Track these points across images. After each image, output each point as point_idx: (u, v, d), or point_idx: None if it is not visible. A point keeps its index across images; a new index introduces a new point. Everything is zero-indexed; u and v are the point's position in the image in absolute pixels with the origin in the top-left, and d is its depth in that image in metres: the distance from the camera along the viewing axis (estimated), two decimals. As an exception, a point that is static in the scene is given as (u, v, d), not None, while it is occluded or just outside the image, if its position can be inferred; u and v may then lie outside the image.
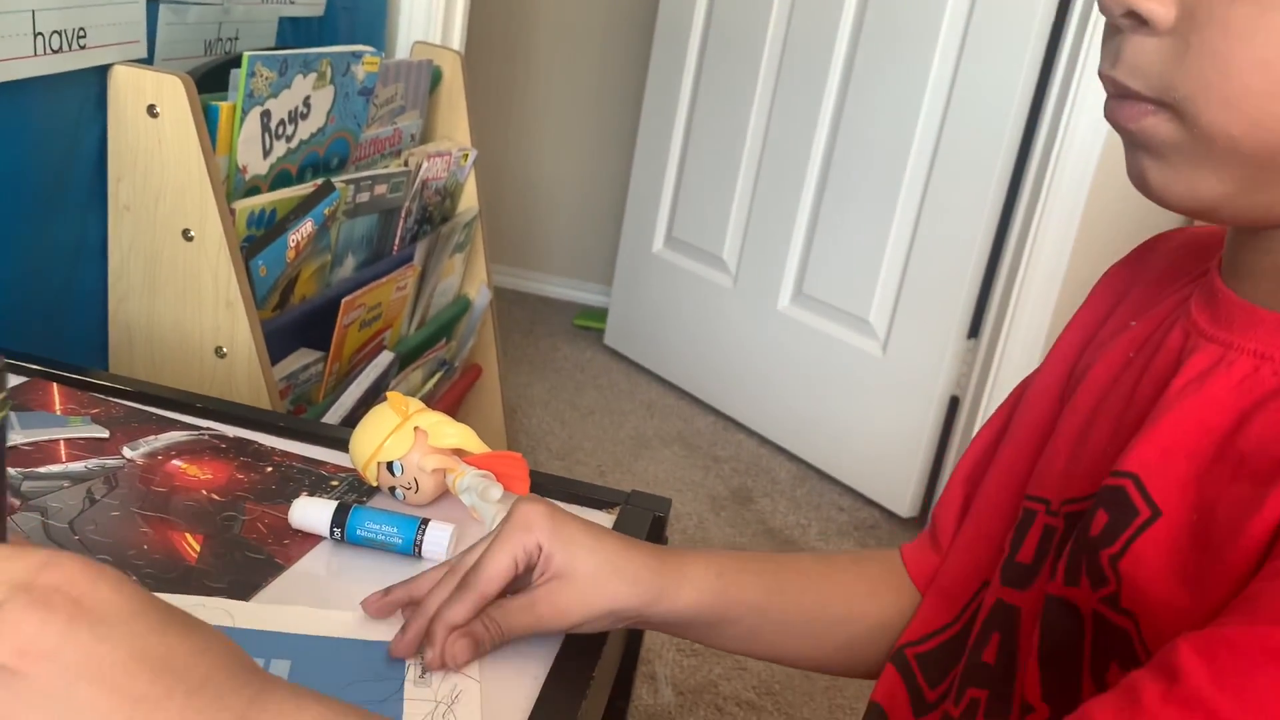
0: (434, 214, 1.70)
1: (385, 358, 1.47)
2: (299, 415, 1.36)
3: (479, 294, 1.86)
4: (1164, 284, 0.57)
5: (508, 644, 0.56)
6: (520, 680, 0.55)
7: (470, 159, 1.78)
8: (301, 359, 1.38)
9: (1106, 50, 0.46)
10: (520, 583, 0.57)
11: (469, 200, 1.82)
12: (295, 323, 1.34)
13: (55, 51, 1.00)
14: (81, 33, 1.03)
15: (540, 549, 0.56)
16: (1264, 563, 0.41)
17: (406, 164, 1.57)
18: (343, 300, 1.36)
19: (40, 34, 0.97)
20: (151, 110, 1.10)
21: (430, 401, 1.70)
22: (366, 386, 1.42)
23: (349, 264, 1.47)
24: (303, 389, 1.38)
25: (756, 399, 2.39)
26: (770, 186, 2.32)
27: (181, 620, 0.39)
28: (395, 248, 1.58)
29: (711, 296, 2.47)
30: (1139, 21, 0.43)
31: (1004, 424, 0.63)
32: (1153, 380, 0.51)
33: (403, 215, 1.57)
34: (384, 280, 1.47)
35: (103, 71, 1.09)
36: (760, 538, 1.97)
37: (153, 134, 1.11)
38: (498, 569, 0.55)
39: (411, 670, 0.54)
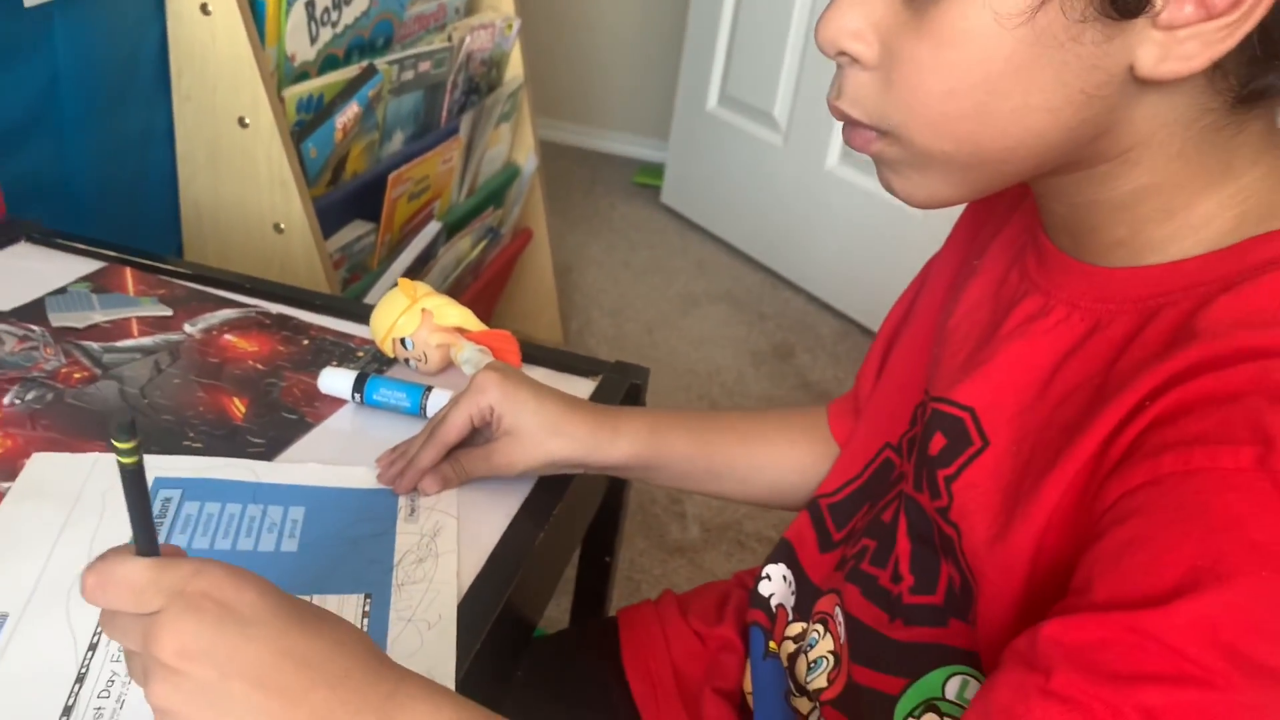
0: (480, 84, 1.78)
1: (433, 227, 1.59)
2: (354, 282, 1.49)
3: (527, 161, 1.95)
4: (1007, 208, 0.63)
5: (471, 483, 0.70)
6: (493, 517, 0.68)
7: (515, 28, 1.84)
8: (355, 230, 1.50)
9: (834, 84, 0.51)
10: (481, 437, 0.70)
11: (515, 69, 1.89)
12: (348, 197, 1.46)
13: (113, -40, 1.10)
14: (136, -60, 1.13)
15: (492, 409, 0.68)
16: (1061, 502, 0.47)
17: (450, 39, 1.65)
18: (390, 175, 1.47)
19: (99, -55, 1.07)
20: (204, 8, 1.20)
21: (479, 266, 1.82)
22: (416, 254, 1.54)
23: (398, 139, 1.58)
24: (357, 258, 1.51)
25: (804, 256, 2.46)
26: (819, 45, 2.33)
27: (318, 617, 0.44)
28: (443, 120, 1.67)
29: (763, 155, 2.52)
30: (851, 59, 0.49)
31: (913, 298, 0.72)
32: (996, 318, 0.57)
33: (449, 89, 1.66)
34: (430, 154, 1.57)
35: (159, -27, 1.19)
36: (797, 391, 2.08)
37: (206, 30, 1.22)
38: (454, 424, 0.68)
39: (402, 510, 0.67)
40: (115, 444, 0.40)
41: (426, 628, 0.58)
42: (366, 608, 0.59)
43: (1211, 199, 0.48)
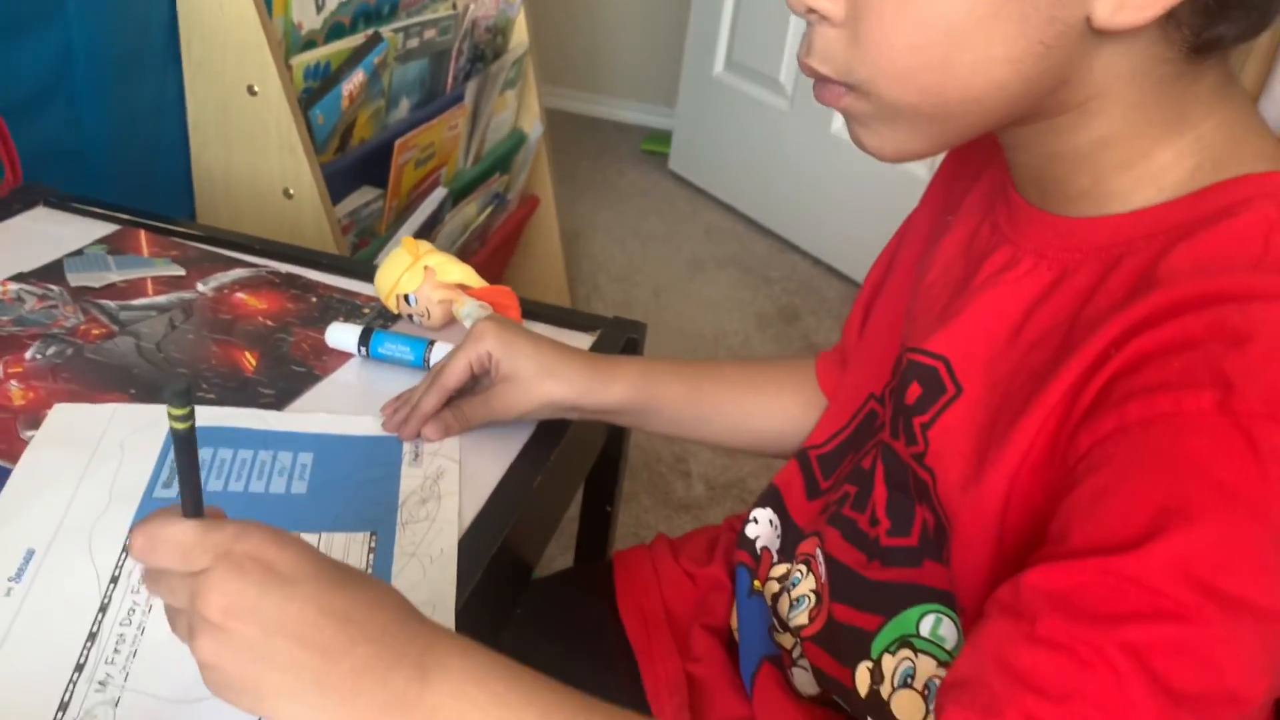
0: (486, 51, 1.80)
1: (439, 193, 1.62)
2: (363, 248, 1.53)
3: (533, 127, 1.97)
4: (980, 163, 0.65)
5: (472, 430, 0.73)
6: (493, 461, 0.72)
7: (520, -4, 1.86)
8: (363, 196, 1.53)
9: (803, 41, 0.53)
10: (480, 384, 0.74)
11: (520, 36, 1.91)
12: (356, 163, 1.49)
13: (123, -69, 1.13)
14: (145, -89, 1.16)
15: (490, 356, 0.71)
16: (1032, 448, 0.49)
17: (455, 6, 1.67)
18: (396, 142, 1.50)
19: (108, -83, 1.10)
20: (212, -23, 1.23)
21: (486, 232, 1.85)
22: (422, 220, 1.57)
23: (404, 106, 1.60)
24: (365, 223, 1.54)
25: (811, 221, 2.48)
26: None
27: (357, 578, 0.45)
28: (448, 88, 1.70)
29: (770, 120, 2.54)
30: (820, 16, 0.51)
31: (894, 253, 0.74)
32: (968, 271, 0.60)
33: (454, 56, 1.68)
34: (435, 121, 1.60)
35: (167, -56, 1.22)
36: (802, 354, 2.11)
37: (215, 0, 1.24)
38: (454, 371, 0.71)
39: (407, 455, 0.71)
40: (170, 410, 0.43)
41: (429, 562, 0.62)
42: (372, 544, 0.63)
43: (1169, 149, 0.50)
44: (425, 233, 1.60)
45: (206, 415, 0.73)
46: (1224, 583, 0.40)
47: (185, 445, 0.44)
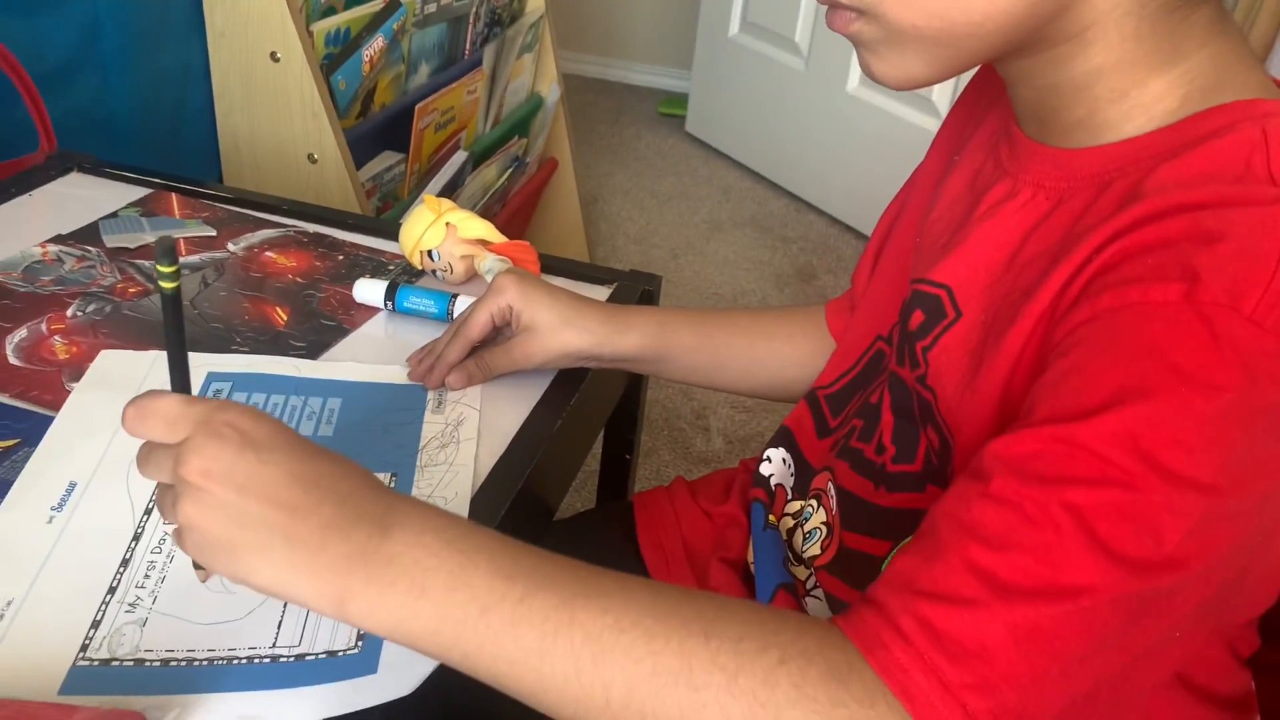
0: (503, 16, 1.83)
1: (459, 157, 1.64)
2: (386, 210, 1.56)
3: (550, 91, 1.99)
4: (987, 105, 0.68)
5: (494, 379, 0.76)
6: (514, 407, 0.75)
7: (535, -40, 1.88)
8: (385, 161, 1.56)
9: None
10: (502, 335, 0.77)
11: (536, 0, 1.93)
12: (377, 128, 1.52)
13: (146, -98, 1.15)
14: (167, -119, 1.18)
15: (510, 308, 0.75)
16: (1023, 354, 0.52)
17: (472, -28, 1.69)
18: (417, 106, 1.53)
19: (133, -112, 1.13)
20: (233, -53, 1.26)
21: (506, 194, 1.88)
22: (444, 183, 1.60)
23: (424, 71, 1.63)
24: (388, 187, 1.57)
25: (827, 180, 2.49)
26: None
27: (327, 453, 0.49)
28: (466, 53, 1.72)
29: (785, 80, 2.55)
30: None
31: (904, 200, 0.77)
32: (971, 205, 0.62)
33: (471, 21, 1.71)
34: (454, 85, 1.62)
35: (189, -87, 1.25)
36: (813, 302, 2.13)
37: (237, -33, 1.27)
38: (477, 321, 0.75)
39: (430, 402, 0.74)
40: (158, 267, 0.46)
41: (444, 503, 0.65)
42: (392, 484, 0.66)
43: (1161, 79, 0.53)
44: (446, 195, 1.63)
45: (242, 362, 0.76)
46: (1168, 457, 0.42)
47: (173, 307, 0.47)
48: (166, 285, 0.47)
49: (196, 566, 0.53)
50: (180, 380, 0.49)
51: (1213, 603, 0.47)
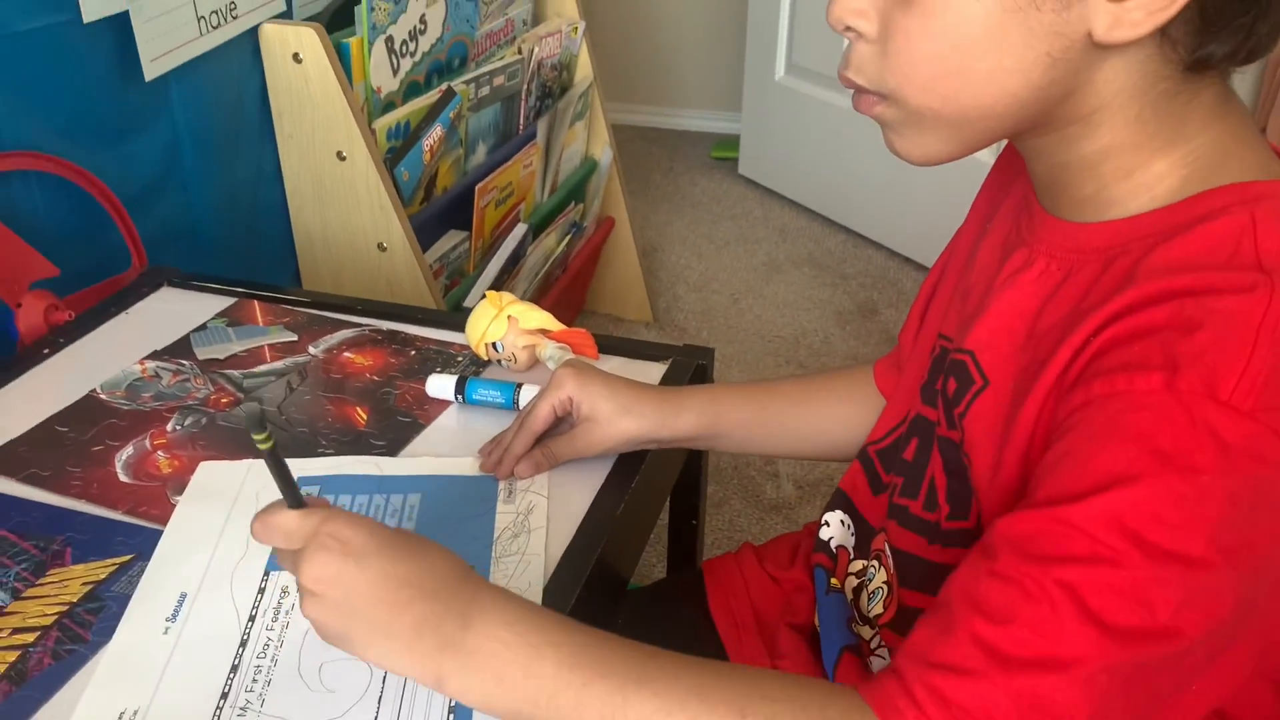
0: (553, 88, 1.90)
1: (520, 229, 1.71)
2: (454, 287, 1.63)
3: (603, 153, 2.06)
4: (1014, 175, 0.72)
5: (560, 465, 0.81)
6: (579, 494, 0.80)
7: (580, 31, 1.95)
8: (451, 240, 1.64)
9: (843, 58, 0.60)
10: (564, 425, 0.82)
11: (584, 69, 1.99)
12: (441, 210, 1.59)
13: (215, 28, 1.24)
14: (232, 6, 1.27)
15: (571, 400, 0.80)
16: (1036, 426, 0.56)
17: (520, 51, 1.76)
18: (477, 186, 1.60)
19: (202, 17, 1.22)
20: (296, 57, 1.34)
21: (566, 259, 1.94)
22: (506, 256, 1.67)
23: (481, 150, 1.70)
24: (455, 265, 1.64)
25: (884, 213, 2.52)
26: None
27: (418, 549, 0.57)
28: (520, 127, 1.79)
29: (834, 118, 2.58)
30: (857, 34, 0.58)
31: (945, 261, 0.80)
32: (996, 271, 0.66)
33: (523, 97, 1.78)
34: (511, 162, 1.69)
35: (254, 31, 1.33)
36: (883, 346, 2.15)
37: (300, 76, 1.36)
38: (540, 414, 0.80)
39: (501, 492, 0.79)
40: (252, 436, 0.55)
41: (519, 593, 0.70)
42: None
43: (1164, 160, 0.56)
44: (509, 267, 1.70)
45: (329, 465, 0.83)
46: (1153, 535, 0.47)
47: (272, 457, 0.56)
48: (262, 446, 0.55)
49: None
50: (292, 498, 0.58)
51: (1236, 657, 0.51)
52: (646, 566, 1.47)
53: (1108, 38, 0.52)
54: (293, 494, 0.58)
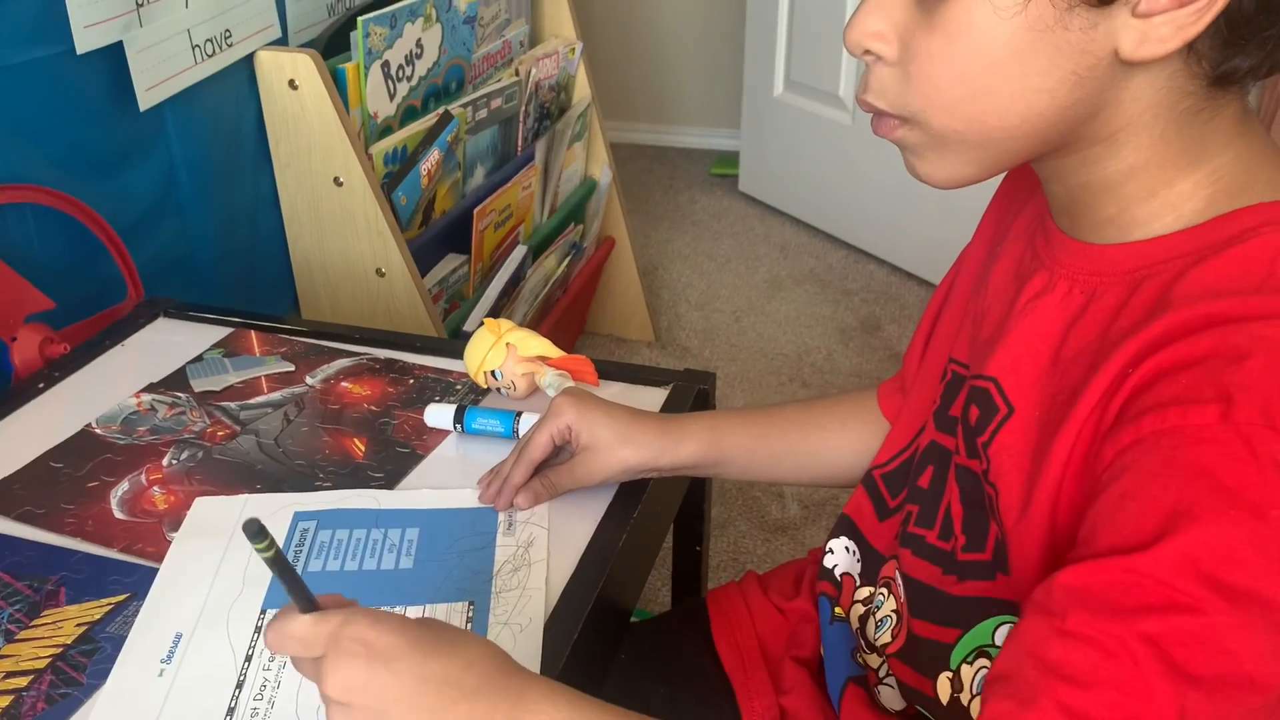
0: (551, 109, 1.89)
1: (520, 251, 1.70)
2: (454, 311, 1.62)
3: (602, 174, 2.05)
4: (1025, 196, 0.71)
5: (560, 496, 0.80)
6: (579, 525, 0.78)
7: (577, 52, 1.95)
8: (450, 264, 1.63)
9: (861, 81, 0.59)
10: (563, 454, 0.81)
11: (582, 90, 1.99)
12: (440, 234, 1.59)
13: (209, 56, 1.24)
14: (227, 34, 1.27)
15: (569, 428, 0.78)
16: (1070, 459, 0.54)
17: (518, 73, 1.76)
18: (475, 209, 1.59)
19: (196, 46, 1.21)
20: (292, 84, 1.34)
21: (567, 280, 1.93)
22: (506, 279, 1.66)
23: (479, 173, 1.70)
24: (454, 289, 1.63)
25: (885, 228, 2.51)
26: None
27: (450, 642, 0.52)
28: (518, 149, 1.79)
29: (833, 134, 2.58)
30: (876, 57, 0.57)
31: (950, 284, 0.79)
32: (1013, 295, 0.64)
33: (521, 119, 1.77)
34: (509, 184, 1.69)
35: (249, 59, 1.33)
36: (887, 363, 2.14)
37: (296, 103, 1.35)
38: (538, 443, 0.79)
39: (501, 524, 0.78)
40: (253, 545, 0.51)
41: (520, 630, 0.69)
42: (470, 614, 0.70)
43: (1188, 179, 0.55)
44: (509, 290, 1.69)
45: (326, 499, 0.81)
46: (1229, 576, 0.44)
47: (277, 564, 0.52)
48: (265, 556, 0.51)
49: None
50: (303, 602, 0.53)
51: None
52: (651, 591, 1.46)
53: (1135, 55, 0.51)
54: (303, 597, 0.53)
